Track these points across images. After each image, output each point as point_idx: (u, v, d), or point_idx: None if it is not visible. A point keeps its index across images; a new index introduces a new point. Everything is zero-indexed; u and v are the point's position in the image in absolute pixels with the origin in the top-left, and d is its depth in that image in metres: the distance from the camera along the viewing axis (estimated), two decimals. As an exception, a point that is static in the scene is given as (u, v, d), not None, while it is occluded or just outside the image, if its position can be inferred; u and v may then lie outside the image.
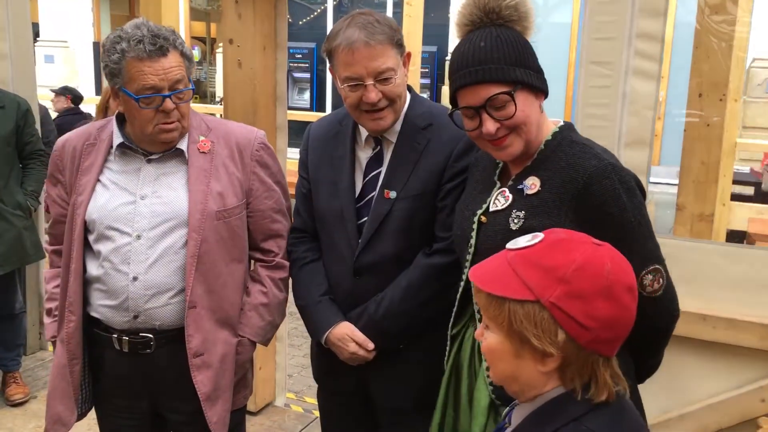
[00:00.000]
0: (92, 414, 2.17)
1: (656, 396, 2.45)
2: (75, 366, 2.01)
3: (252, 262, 2.17)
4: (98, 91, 12.03)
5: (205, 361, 1.97)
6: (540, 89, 1.64)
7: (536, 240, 1.20)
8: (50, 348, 4.35)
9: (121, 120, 2.00)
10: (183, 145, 1.98)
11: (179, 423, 2.13)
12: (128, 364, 2.00)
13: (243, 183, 2.03)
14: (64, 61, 13.51)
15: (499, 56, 1.58)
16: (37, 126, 3.87)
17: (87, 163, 1.99)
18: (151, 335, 1.96)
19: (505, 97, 1.57)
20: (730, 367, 2.43)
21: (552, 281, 1.14)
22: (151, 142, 1.95)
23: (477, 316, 1.71)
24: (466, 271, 1.74)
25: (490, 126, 1.58)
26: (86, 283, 1.99)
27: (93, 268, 1.98)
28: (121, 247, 1.92)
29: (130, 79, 1.84)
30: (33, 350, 4.30)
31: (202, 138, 2.00)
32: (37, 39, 13.17)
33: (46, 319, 2.13)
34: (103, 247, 1.95)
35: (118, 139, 1.97)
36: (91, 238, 1.97)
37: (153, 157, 1.97)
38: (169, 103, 1.86)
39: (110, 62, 1.85)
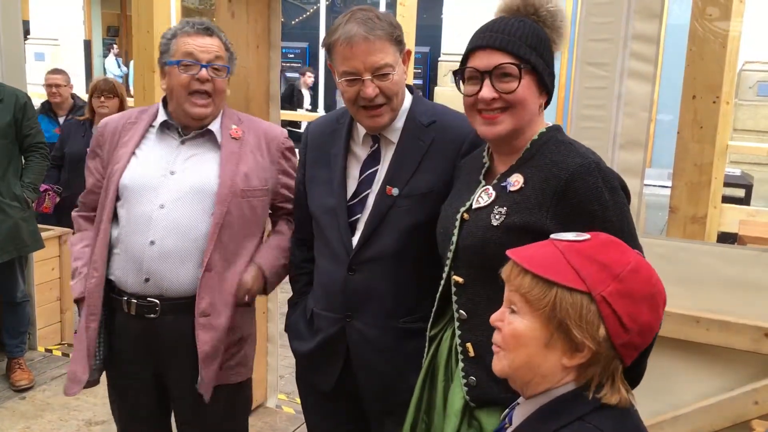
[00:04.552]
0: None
1: (649, 398, 2.44)
2: (92, 323, 2.15)
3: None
4: (88, 90, 11.95)
5: (210, 323, 2.11)
6: (545, 88, 1.65)
7: (584, 237, 1.22)
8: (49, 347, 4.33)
9: (166, 104, 2.25)
10: (214, 126, 2.20)
11: (176, 398, 2.25)
12: (134, 327, 2.15)
13: (268, 170, 2.26)
14: (54, 58, 13.45)
15: (522, 35, 1.61)
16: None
17: (125, 138, 2.21)
18: (157, 300, 2.11)
19: (512, 68, 1.58)
20: (723, 369, 2.42)
21: (607, 277, 1.15)
22: (185, 115, 2.16)
23: (456, 314, 1.69)
24: (446, 270, 1.72)
25: (487, 92, 1.59)
26: (110, 246, 2.16)
27: (115, 232, 2.16)
28: (144, 214, 2.09)
29: (175, 51, 2.12)
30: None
31: (234, 126, 2.24)
32: (28, 37, 13.09)
33: (72, 281, 2.27)
34: (126, 213, 2.13)
35: (162, 117, 2.20)
36: (118, 204, 2.16)
37: (187, 137, 2.18)
38: (204, 73, 2.11)
39: (163, 42, 2.15)
